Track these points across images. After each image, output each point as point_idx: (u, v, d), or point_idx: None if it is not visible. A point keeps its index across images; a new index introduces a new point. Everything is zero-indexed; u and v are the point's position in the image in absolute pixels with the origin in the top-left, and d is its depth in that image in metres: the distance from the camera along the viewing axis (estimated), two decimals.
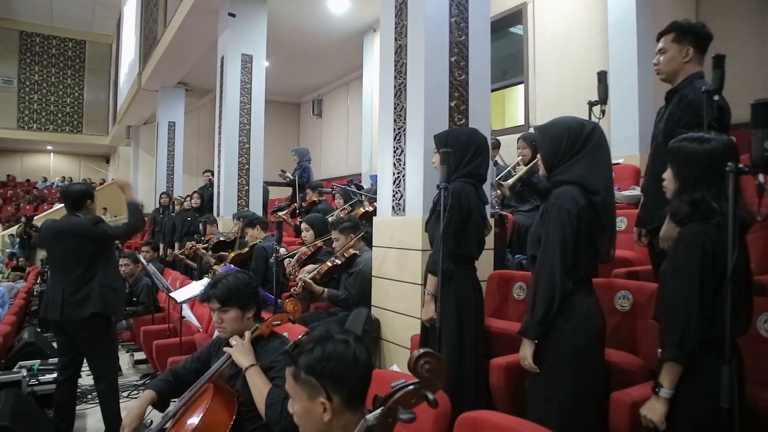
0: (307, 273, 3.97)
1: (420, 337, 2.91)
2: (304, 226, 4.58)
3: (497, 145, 5.31)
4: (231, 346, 2.24)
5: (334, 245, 4.05)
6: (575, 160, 2.10)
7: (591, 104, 3.18)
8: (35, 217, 14.66)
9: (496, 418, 1.85)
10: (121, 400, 3.81)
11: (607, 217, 2.11)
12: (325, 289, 3.89)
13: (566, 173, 2.11)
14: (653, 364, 2.28)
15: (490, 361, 2.59)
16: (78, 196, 3.61)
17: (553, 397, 2.05)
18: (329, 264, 3.89)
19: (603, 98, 3.22)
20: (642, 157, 4.79)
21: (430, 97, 3.41)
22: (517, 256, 3.89)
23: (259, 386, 2.11)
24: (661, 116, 2.67)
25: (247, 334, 2.26)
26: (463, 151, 2.74)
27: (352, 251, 3.88)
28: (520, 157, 4.44)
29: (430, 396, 1.26)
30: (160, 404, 2.33)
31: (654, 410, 1.72)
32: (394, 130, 3.61)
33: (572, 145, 2.11)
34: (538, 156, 4.11)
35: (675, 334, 1.70)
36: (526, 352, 2.09)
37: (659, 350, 1.80)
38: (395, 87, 3.64)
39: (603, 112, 3.23)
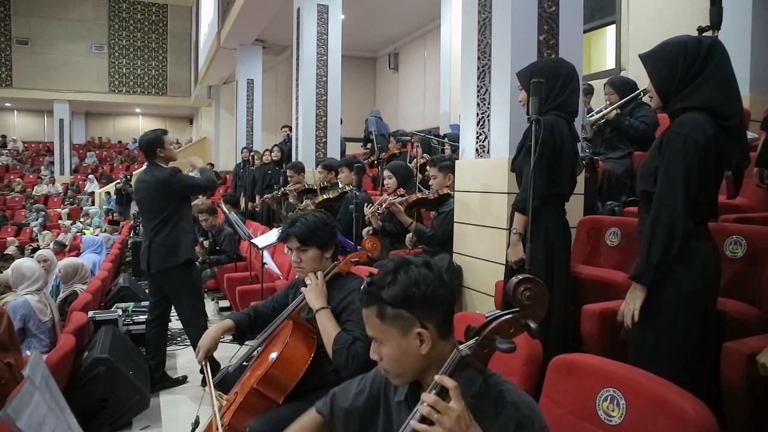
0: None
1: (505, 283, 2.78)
2: (387, 173, 4.38)
3: (590, 91, 4.96)
4: (307, 286, 2.22)
5: (430, 183, 3.90)
6: (700, 81, 1.82)
7: (701, 30, 2.86)
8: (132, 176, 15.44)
9: (593, 360, 1.71)
10: None
11: (740, 147, 1.83)
12: (414, 221, 3.75)
13: (692, 98, 1.83)
14: None
15: (583, 307, 2.42)
16: (147, 145, 3.73)
17: (660, 347, 1.86)
18: (419, 194, 3.74)
19: (716, 23, 2.89)
20: (752, 98, 4.30)
21: (517, 30, 3.16)
22: (609, 202, 3.64)
23: (327, 330, 2.08)
24: None
25: (320, 274, 2.23)
26: (551, 83, 2.49)
27: (446, 190, 3.72)
28: (607, 103, 4.14)
29: (533, 324, 1.13)
30: (238, 335, 2.37)
31: None
32: (478, 68, 3.39)
33: (691, 64, 1.82)
34: (628, 97, 3.88)
35: None
36: (636, 299, 1.85)
37: None
38: (479, 22, 3.41)
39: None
